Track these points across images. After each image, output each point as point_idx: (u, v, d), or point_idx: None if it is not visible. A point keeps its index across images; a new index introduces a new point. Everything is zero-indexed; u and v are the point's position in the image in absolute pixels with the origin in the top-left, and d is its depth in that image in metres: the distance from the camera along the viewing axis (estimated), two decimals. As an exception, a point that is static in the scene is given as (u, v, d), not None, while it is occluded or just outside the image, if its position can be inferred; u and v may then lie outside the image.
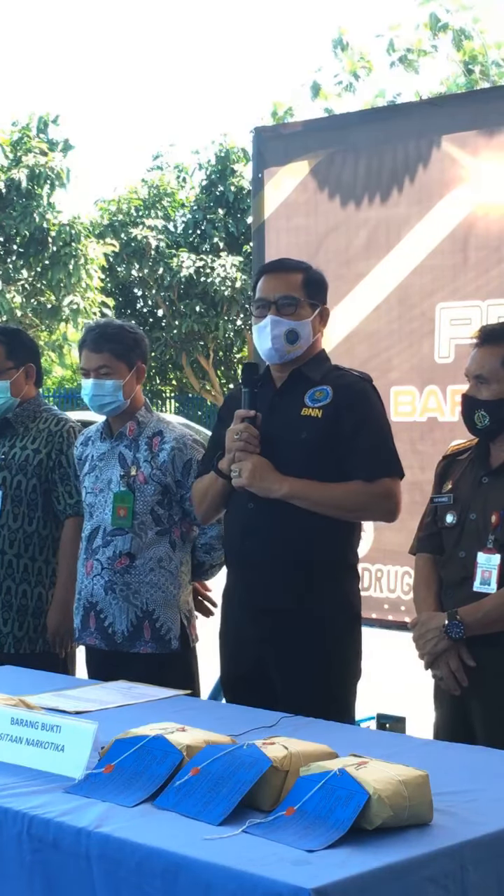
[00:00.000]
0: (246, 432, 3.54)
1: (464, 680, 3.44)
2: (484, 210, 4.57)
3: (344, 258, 4.96)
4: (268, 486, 3.51)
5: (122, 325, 4.13)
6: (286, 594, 3.53)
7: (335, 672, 3.55)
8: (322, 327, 3.70)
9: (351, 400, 3.56)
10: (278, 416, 3.59)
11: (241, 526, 3.64)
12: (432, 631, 3.46)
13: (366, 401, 3.60)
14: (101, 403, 4.04)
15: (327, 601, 3.54)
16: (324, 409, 3.54)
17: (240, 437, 3.54)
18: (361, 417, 3.55)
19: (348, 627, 3.60)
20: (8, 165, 21.01)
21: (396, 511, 3.61)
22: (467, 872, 2.16)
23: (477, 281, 4.59)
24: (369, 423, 3.57)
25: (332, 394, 3.56)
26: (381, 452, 3.57)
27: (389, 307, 4.84)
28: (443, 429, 4.64)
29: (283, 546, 3.52)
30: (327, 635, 3.52)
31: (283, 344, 3.59)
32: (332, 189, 5.03)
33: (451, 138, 4.66)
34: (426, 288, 4.73)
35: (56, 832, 2.28)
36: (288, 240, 5.14)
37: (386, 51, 17.01)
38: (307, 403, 3.57)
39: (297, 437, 3.53)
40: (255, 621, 3.58)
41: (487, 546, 3.45)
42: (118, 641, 3.97)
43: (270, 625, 3.55)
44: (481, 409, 3.51)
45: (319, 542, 3.53)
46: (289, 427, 3.56)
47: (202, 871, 2.07)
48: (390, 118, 5.17)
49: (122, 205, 25.14)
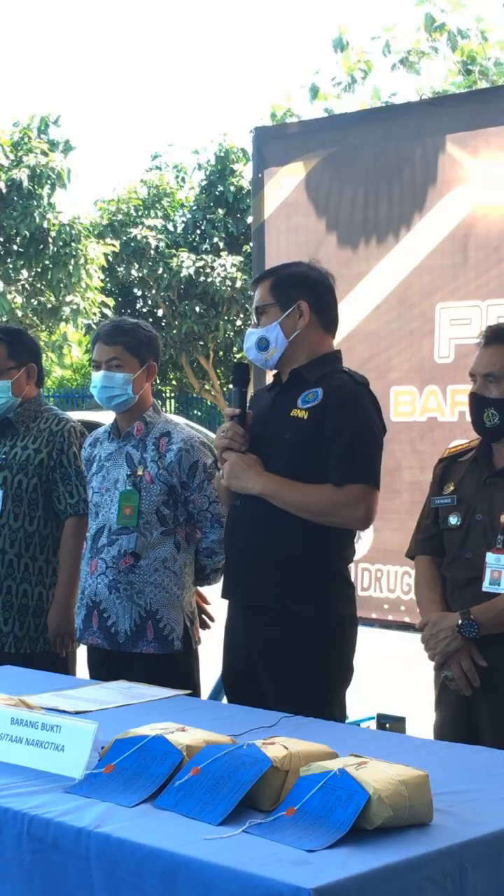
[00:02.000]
0: (231, 430, 3.57)
1: (475, 680, 3.44)
2: (484, 210, 4.57)
3: (344, 258, 4.96)
4: (244, 484, 3.54)
5: (137, 322, 4.17)
6: (267, 593, 3.53)
7: (316, 674, 3.50)
8: (304, 322, 3.59)
9: (338, 402, 3.52)
10: (272, 416, 3.61)
11: (230, 523, 3.71)
12: (445, 630, 3.45)
13: (352, 404, 3.54)
14: (110, 395, 4.05)
15: (309, 603, 3.50)
16: (310, 411, 3.53)
17: (225, 435, 3.57)
18: (343, 421, 3.50)
19: (333, 630, 3.54)
20: (9, 166, 21.00)
21: (367, 519, 3.55)
22: (466, 872, 2.16)
23: (477, 281, 4.60)
24: (348, 427, 3.49)
25: (322, 395, 3.54)
26: (354, 458, 3.49)
27: (389, 307, 4.85)
28: (443, 429, 4.65)
29: (263, 544, 3.54)
30: (308, 637, 3.49)
31: (256, 353, 3.64)
32: (332, 189, 5.03)
33: (451, 138, 4.66)
34: (426, 288, 4.73)
35: (56, 832, 2.28)
36: (288, 240, 5.14)
37: (382, 52, 17.01)
38: (298, 404, 3.57)
39: (282, 436, 3.55)
40: (245, 619, 3.60)
41: (497, 546, 3.46)
42: (121, 641, 3.97)
43: (255, 623, 3.56)
44: (491, 408, 3.51)
45: (301, 543, 3.51)
46: (277, 427, 3.58)
47: (202, 871, 2.07)
48: (390, 118, 5.17)
49: (121, 205, 25.13)
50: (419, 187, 4.75)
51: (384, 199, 4.87)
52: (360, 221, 4.94)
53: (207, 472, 3.98)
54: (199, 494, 3.99)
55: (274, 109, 18.30)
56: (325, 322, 3.68)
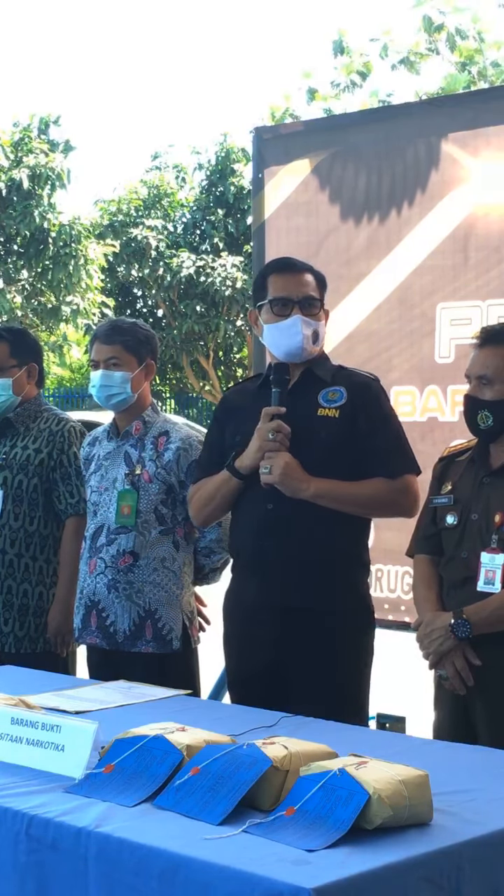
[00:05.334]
0: (280, 432, 3.56)
1: (469, 679, 3.44)
2: (484, 210, 4.57)
3: (344, 258, 4.96)
4: (296, 486, 3.53)
5: (134, 322, 4.18)
6: (305, 593, 3.55)
7: (350, 671, 3.59)
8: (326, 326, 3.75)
9: (366, 400, 3.64)
10: (293, 416, 3.59)
11: (257, 526, 3.63)
12: (438, 630, 3.46)
13: (379, 400, 3.69)
14: (109, 394, 4.05)
15: (345, 599, 3.60)
16: (340, 409, 3.59)
17: (275, 437, 3.55)
18: (377, 417, 3.64)
19: (364, 626, 3.67)
20: (9, 166, 21.01)
21: (417, 506, 3.70)
22: (463, 872, 2.16)
23: (477, 281, 4.59)
24: (385, 422, 3.66)
25: (347, 394, 3.61)
26: (400, 450, 3.66)
27: (390, 307, 4.85)
28: (443, 429, 4.64)
29: (304, 545, 3.55)
30: (345, 634, 3.57)
31: (309, 344, 3.64)
32: (333, 189, 5.03)
33: (451, 138, 4.66)
34: (426, 288, 4.73)
35: (56, 832, 2.28)
36: (288, 240, 5.14)
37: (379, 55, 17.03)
38: (322, 403, 3.61)
39: (316, 436, 3.56)
40: (270, 622, 3.58)
41: (491, 546, 3.46)
42: (119, 640, 3.97)
43: (287, 624, 3.56)
44: (485, 410, 3.51)
45: (338, 541, 3.58)
46: (306, 427, 3.58)
47: (202, 870, 2.07)
48: (390, 118, 5.17)
49: (121, 205, 25.12)
50: (419, 187, 4.75)
51: (384, 200, 4.87)
52: (361, 221, 4.94)
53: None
54: (197, 493, 3.99)
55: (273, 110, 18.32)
56: None
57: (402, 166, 4.81)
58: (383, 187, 4.87)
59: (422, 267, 4.74)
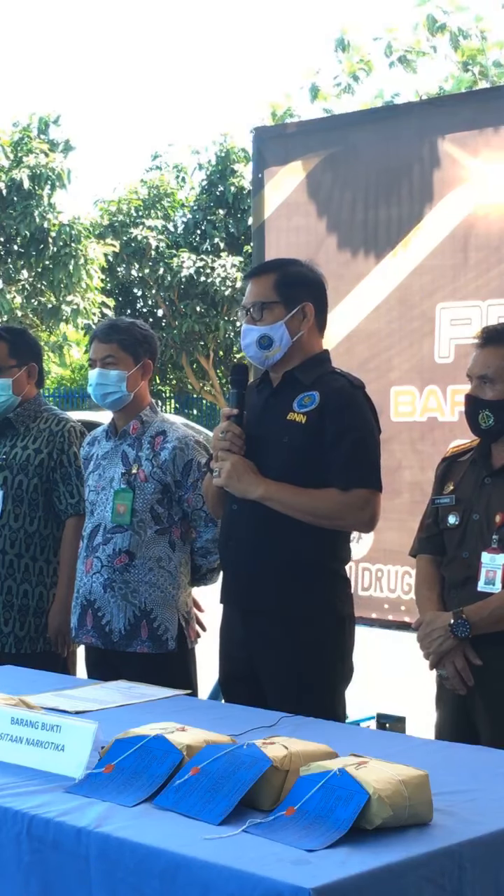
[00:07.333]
0: (230, 431, 3.53)
1: (469, 679, 3.44)
2: (484, 210, 4.57)
3: (344, 258, 4.96)
4: (244, 488, 3.50)
5: (133, 321, 4.18)
6: (266, 596, 3.52)
7: (317, 674, 3.51)
8: (308, 324, 3.59)
9: (336, 406, 3.51)
10: (268, 418, 3.58)
11: (226, 527, 3.66)
12: (438, 630, 3.46)
13: (352, 407, 3.54)
14: (105, 393, 4.05)
15: (307, 603, 3.50)
16: (308, 415, 3.51)
17: (224, 436, 3.53)
18: (344, 425, 3.50)
19: (332, 630, 3.55)
20: (9, 166, 21.02)
21: (372, 523, 3.56)
22: (465, 871, 2.16)
23: (477, 281, 4.59)
24: (351, 431, 3.50)
25: (319, 399, 3.52)
26: (358, 462, 3.49)
27: (389, 307, 4.85)
28: (443, 429, 4.64)
29: (262, 548, 3.52)
30: (307, 637, 3.49)
31: (256, 351, 3.57)
32: (333, 189, 5.03)
33: (451, 138, 4.66)
34: (426, 288, 4.73)
35: (56, 832, 2.28)
36: (288, 240, 5.14)
37: (384, 53, 17.02)
38: (294, 408, 3.53)
39: (280, 440, 3.52)
40: (243, 622, 3.59)
41: (492, 546, 3.46)
42: (115, 640, 3.97)
43: (255, 626, 3.55)
44: (486, 410, 3.51)
45: (298, 546, 3.49)
46: (274, 430, 3.54)
47: (202, 870, 2.07)
48: (390, 118, 5.17)
49: (121, 205, 25.14)
50: (419, 187, 4.75)
51: (384, 200, 4.87)
52: (361, 222, 4.94)
53: (201, 471, 3.95)
54: (192, 493, 3.99)
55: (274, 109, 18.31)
56: (321, 324, 3.68)
57: (401, 166, 4.81)
58: (383, 187, 4.87)
59: (422, 267, 4.74)
